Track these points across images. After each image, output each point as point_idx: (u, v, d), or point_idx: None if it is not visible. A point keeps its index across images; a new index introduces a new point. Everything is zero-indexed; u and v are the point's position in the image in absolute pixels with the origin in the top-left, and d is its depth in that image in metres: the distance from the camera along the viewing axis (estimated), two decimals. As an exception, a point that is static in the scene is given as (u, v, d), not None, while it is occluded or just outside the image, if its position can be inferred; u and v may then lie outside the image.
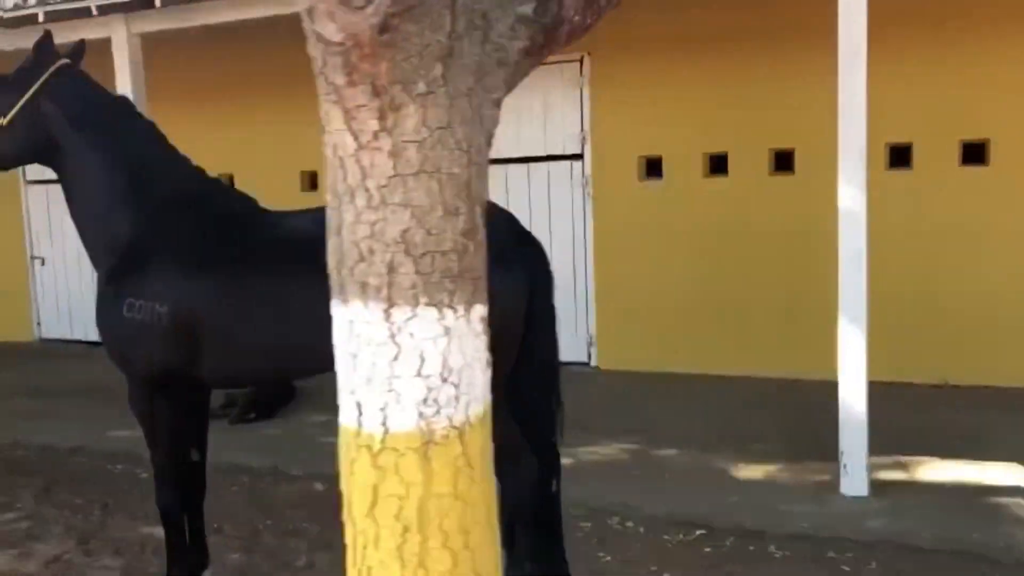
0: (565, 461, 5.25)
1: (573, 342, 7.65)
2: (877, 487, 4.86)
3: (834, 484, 4.93)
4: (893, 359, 6.20)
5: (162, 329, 3.36)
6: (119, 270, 3.46)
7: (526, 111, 7.83)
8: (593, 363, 7.99)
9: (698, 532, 4.53)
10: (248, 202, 3.63)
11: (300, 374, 3.57)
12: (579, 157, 7.86)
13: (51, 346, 10.58)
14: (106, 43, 6.14)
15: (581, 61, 7.71)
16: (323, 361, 3.45)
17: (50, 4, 5.75)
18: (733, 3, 7.10)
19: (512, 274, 3.22)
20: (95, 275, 3.60)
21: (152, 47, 6.45)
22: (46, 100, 3.53)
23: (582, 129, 7.80)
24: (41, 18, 5.87)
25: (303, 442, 6.26)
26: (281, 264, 3.35)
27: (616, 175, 7.63)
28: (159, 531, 4.90)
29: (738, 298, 7.29)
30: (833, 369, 4.63)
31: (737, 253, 7.24)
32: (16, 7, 5.79)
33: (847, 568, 4.11)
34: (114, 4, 5.72)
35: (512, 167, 7.93)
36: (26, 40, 6.29)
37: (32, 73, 3.56)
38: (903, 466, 5.26)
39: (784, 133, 7.13)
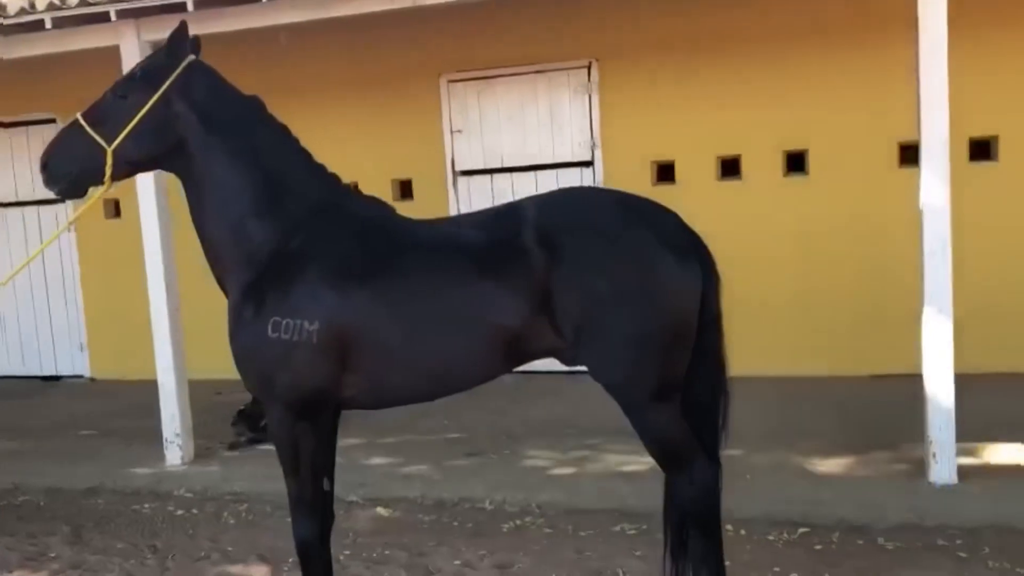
0: (640, 467, 5.17)
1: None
2: (962, 474, 4.91)
3: (920, 473, 4.97)
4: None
5: (312, 349, 3.09)
6: (260, 286, 3.15)
7: (532, 119, 7.72)
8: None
9: (800, 530, 4.49)
10: (386, 208, 3.38)
11: (451, 391, 3.32)
12: (589, 164, 7.78)
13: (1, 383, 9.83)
14: (114, 51, 5.73)
15: (589, 67, 7.64)
16: (477, 375, 3.25)
17: (60, 10, 5.30)
18: (740, 4, 7.17)
19: (689, 272, 3.15)
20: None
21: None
22: (177, 98, 3.19)
23: (592, 136, 7.73)
24: (48, 24, 5.42)
25: (346, 466, 5.90)
26: (440, 274, 3.12)
27: (628, 180, 7.50)
28: (233, 569, 4.60)
29: (762, 300, 7.30)
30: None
31: (753, 255, 7.26)
32: (23, 12, 5.31)
33: (963, 555, 4.12)
34: (133, 9, 5.31)
35: (518, 176, 7.80)
36: (32, 48, 5.83)
37: (162, 69, 3.20)
38: (980, 453, 5.33)
39: (796, 135, 7.23)
